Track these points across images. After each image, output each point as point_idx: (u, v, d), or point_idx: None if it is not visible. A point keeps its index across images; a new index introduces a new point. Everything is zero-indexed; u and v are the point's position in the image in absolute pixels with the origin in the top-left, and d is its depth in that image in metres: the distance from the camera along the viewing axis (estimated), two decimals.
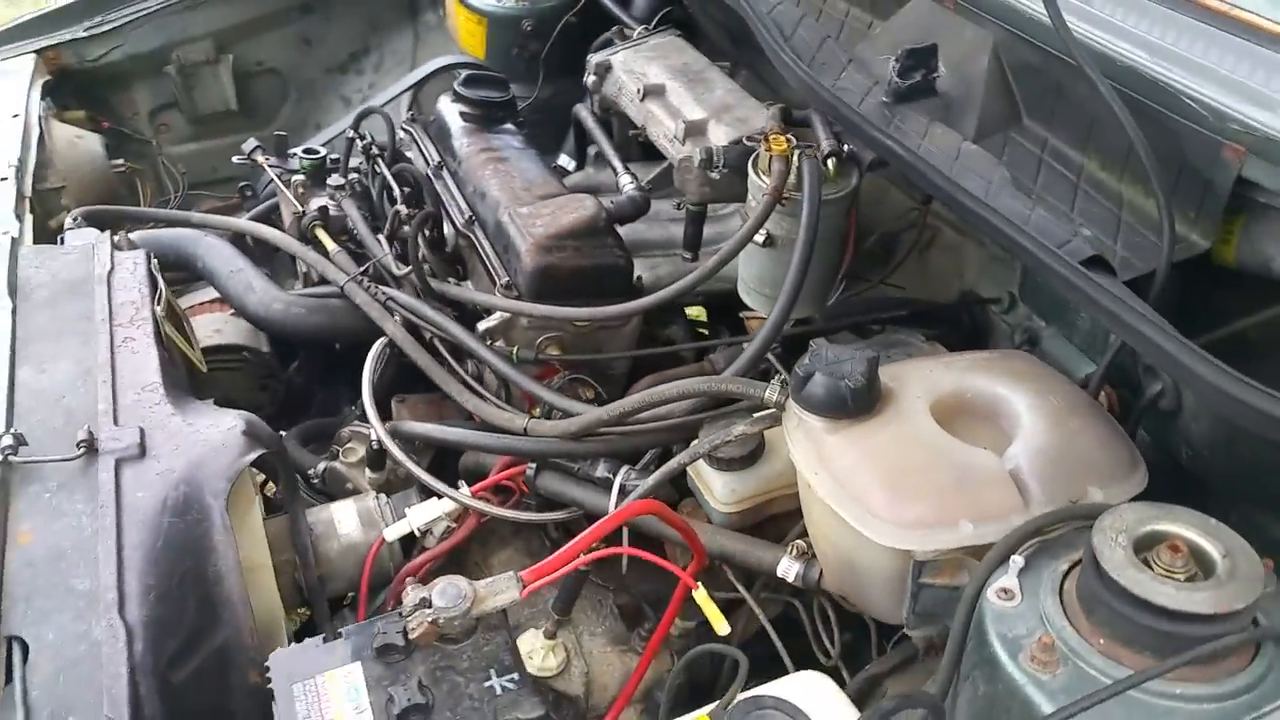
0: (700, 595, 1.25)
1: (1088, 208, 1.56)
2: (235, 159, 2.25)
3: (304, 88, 2.97)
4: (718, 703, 1.09)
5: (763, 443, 1.52)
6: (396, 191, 2.04)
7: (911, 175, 1.58)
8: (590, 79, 2.22)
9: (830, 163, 1.60)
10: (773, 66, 1.81)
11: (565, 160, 2.63)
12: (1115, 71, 1.52)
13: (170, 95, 2.80)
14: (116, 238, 1.77)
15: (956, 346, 1.99)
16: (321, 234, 2.00)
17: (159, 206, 2.71)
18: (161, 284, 1.70)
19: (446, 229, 2.07)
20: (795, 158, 1.58)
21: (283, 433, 2.24)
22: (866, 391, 1.27)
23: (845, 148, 1.62)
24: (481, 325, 1.82)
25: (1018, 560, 1.10)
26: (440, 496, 1.61)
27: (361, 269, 1.88)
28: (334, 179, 2.10)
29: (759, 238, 1.63)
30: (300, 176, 2.15)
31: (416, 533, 1.59)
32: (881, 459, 1.24)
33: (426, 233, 1.97)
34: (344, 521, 1.62)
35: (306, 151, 2.20)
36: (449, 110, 2.30)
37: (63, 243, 1.76)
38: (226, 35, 2.77)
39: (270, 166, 2.19)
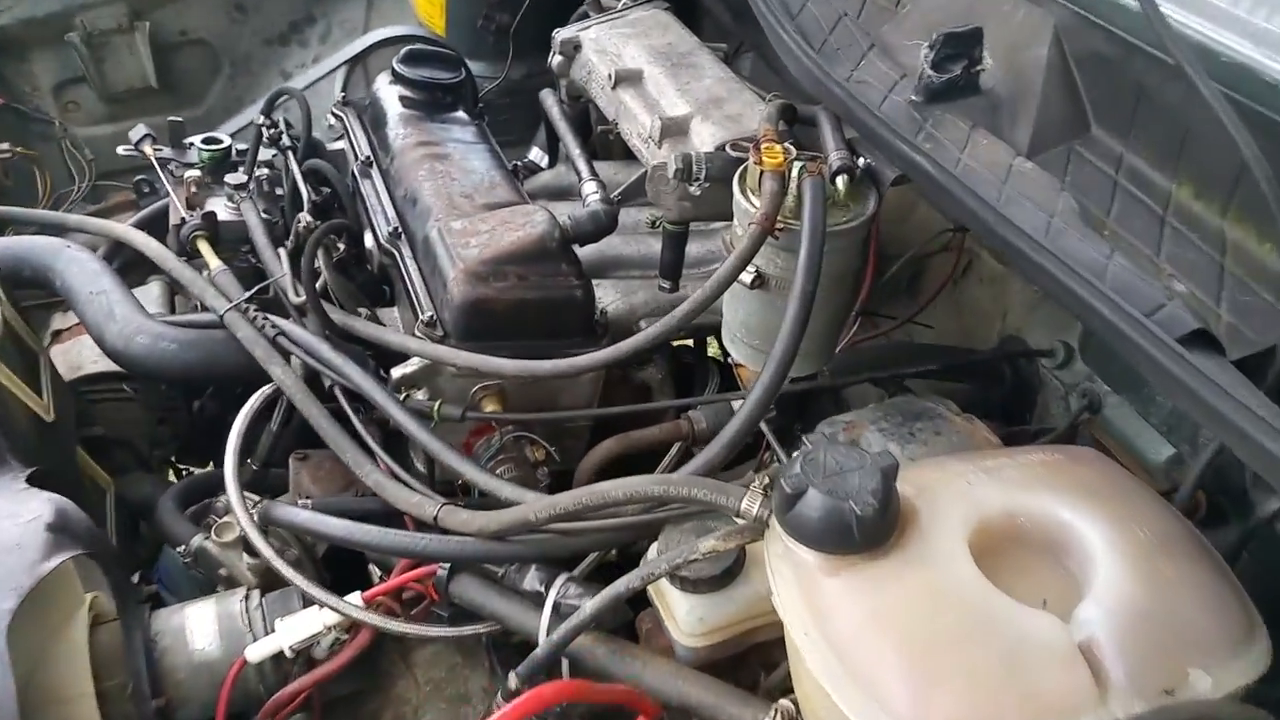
0: None
1: (1178, 252, 1.21)
2: (121, 150, 1.90)
3: (238, 62, 2.63)
4: None
5: (742, 557, 1.18)
6: (305, 194, 1.69)
7: (945, 203, 1.23)
8: (556, 59, 1.87)
9: (840, 181, 1.25)
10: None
11: (537, 155, 2.28)
12: (1218, 69, 1.17)
13: (78, 69, 2.46)
14: None
15: (994, 407, 1.66)
16: (203, 247, 1.66)
17: (62, 200, 2.38)
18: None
19: (369, 242, 1.73)
20: (794, 174, 1.23)
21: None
22: (879, 518, 0.93)
23: (861, 161, 1.27)
24: (396, 372, 1.49)
25: None
26: (322, 605, 1.27)
27: (247, 294, 1.54)
28: (233, 176, 1.76)
29: (745, 277, 1.29)
30: (195, 172, 1.81)
31: (288, 653, 1.25)
32: (899, 623, 0.90)
33: (340, 248, 1.63)
34: (199, 631, 1.29)
35: (207, 141, 1.86)
36: (387, 93, 1.96)
37: None
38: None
39: (160, 160, 1.84)
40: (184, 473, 2.28)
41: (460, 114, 1.96)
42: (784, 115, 1.37)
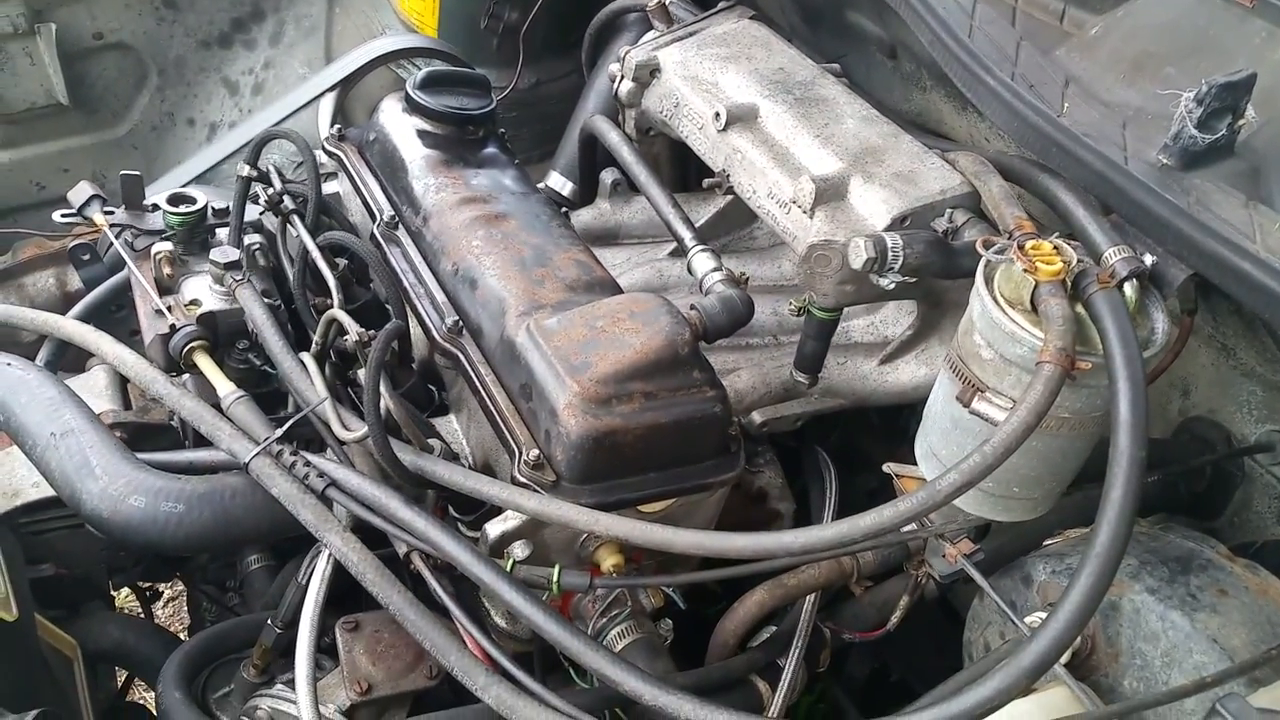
0: None
1: None
2: (59, 218, 1.48)
3: (169, 69, 2.19)
4: None
5: None
6: (329, 278, 1.32)
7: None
8: (625, 86, 1.53)
9: (1129, 290, 0.97)
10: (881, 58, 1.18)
11: (558, 181, 1.94)
12: None
13: None
14: None
15: (1180, 505, 1.44)
16: (204, 362, 1.28)
17: None
18: None
19: (414, 332, 1.38)
20: (1070, 281, 0.95)
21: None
22: None
23: (1148, 260, 1.00)
24: (493, 529, 1.16)
25: None
26: None
27: (280, 429, 1.17)
28: (220, 251, 1.37)
29: (989, 410, 1.00)
30: (165, 245, 1.41)
31: None
32: None
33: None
34: None
35: (174, 200, 1.45)
36: (399, 127, 1.60)
37: None
38: None
39: (114, 227, 1.44)
40: (147, 592, 1.92)
41: (495, 151, 1.60)
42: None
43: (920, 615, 1.44)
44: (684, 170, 1.84)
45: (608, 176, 1.78)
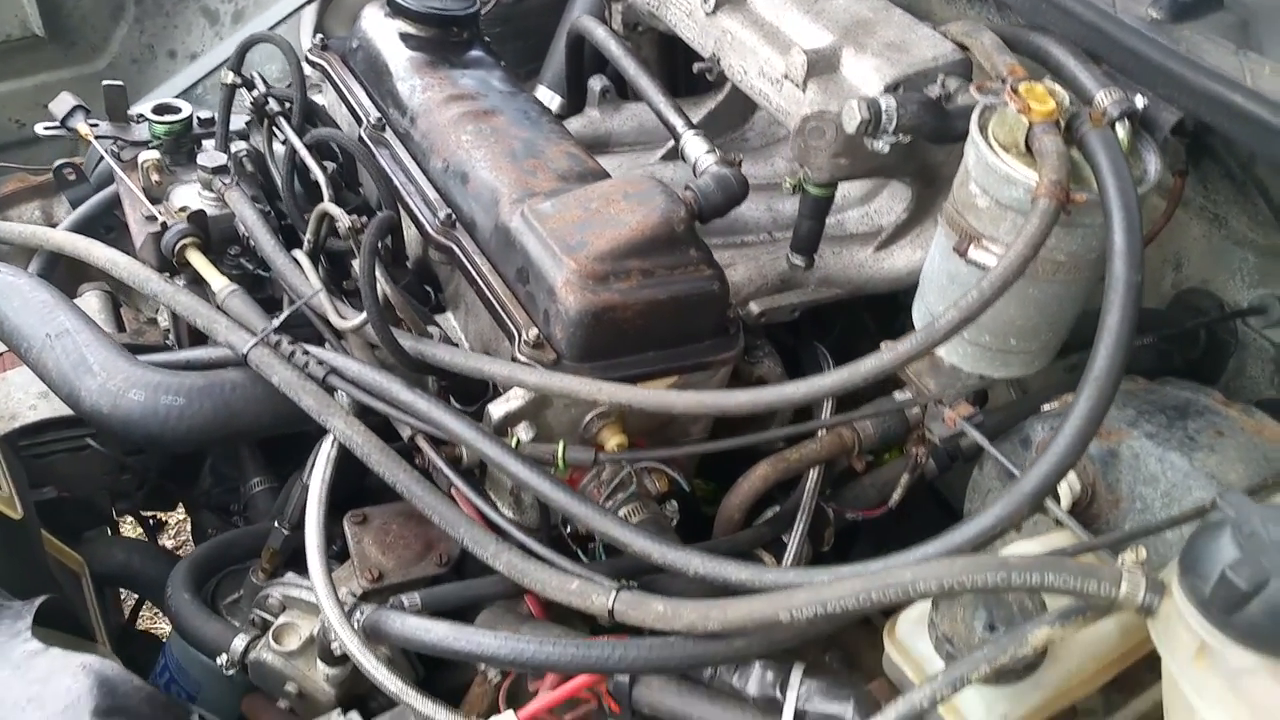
0: None
1: None
2: (42, 130, 1.48)
3: None
4: None
5: None
6: (318, 175, 1.32)
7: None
8: None
9: (1121, 130, 0.98)
10: None
11: (545, 94, 1.93)
12: None
13: None
14: None
15: (1176, 372, 1.45)
16: (197, 259, 1.28)
17: None
18: None
19: (409, 231, 1.38)
20: (1063, 123, 0.96)
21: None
22: None
23: (1140, 101, 1.00)
24: (496, 409, 1.17)
25: None
26: None
27: (276, 320, 1.18)
28: (207, 156, 1.37)
29: (984, 257, 1.01)
30: (153, 154, 1.40)
31: None
32: None
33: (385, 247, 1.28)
34: None
35: (159, 110, 1.45)
36: (383, 32, 1.59)
37: None
38: None
39: (100, 138, 1.43)
40: (149, 521, 1.94)
41: (480, 53, 1.60)
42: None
43: (923, 514, 1.46)
44: (672, 72, 1.84)
45: (596, 84, 1.77)
